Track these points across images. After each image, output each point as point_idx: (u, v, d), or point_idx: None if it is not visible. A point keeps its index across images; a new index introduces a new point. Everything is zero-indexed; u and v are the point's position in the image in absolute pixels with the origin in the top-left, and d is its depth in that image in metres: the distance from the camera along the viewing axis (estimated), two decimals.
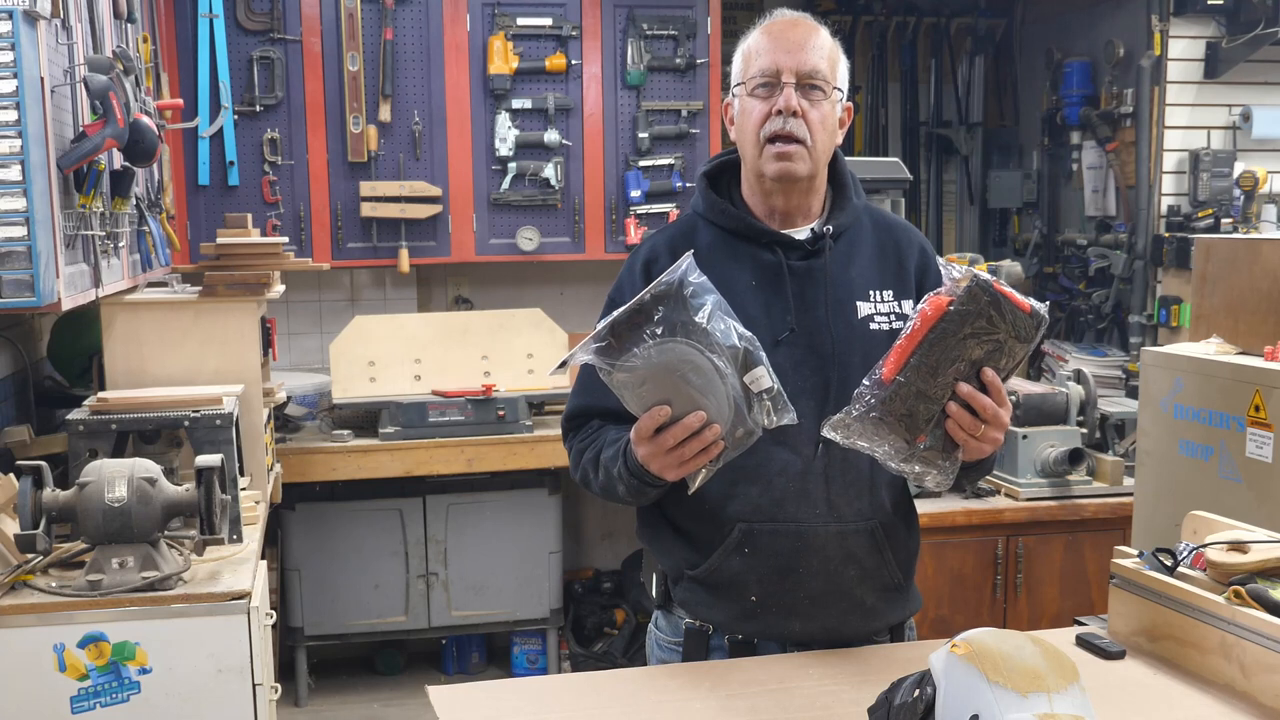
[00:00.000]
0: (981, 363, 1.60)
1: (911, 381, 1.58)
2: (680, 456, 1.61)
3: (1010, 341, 1.59)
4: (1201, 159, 4.35)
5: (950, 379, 1.59)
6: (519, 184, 4.47)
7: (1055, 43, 5.00)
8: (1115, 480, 3.62)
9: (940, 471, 1.64)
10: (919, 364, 1.58)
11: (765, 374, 1.60)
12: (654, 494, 1.77)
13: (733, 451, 1.63)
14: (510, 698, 1.69)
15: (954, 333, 1.57)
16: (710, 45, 4.53)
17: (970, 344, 1.58)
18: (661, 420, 1.58)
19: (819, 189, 1.88)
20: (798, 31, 1.80)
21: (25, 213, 2.06)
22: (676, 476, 1.66)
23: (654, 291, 1.56)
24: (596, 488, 1.84)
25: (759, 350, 1.60)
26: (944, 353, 1.57)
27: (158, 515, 2.26)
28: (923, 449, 1.62)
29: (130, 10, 2.98)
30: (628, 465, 1.72)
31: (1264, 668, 1.56)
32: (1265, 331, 2.80)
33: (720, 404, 1.58)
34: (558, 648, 4.57)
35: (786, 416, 1.61)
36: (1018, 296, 1.59)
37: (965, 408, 1.60)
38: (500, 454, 4.15)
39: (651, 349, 1.55)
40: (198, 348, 3.06)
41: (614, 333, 1.56)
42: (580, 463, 1.88)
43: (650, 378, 1.57)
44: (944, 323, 1.57)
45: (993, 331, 1.58)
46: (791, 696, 1.64)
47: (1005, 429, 1.65)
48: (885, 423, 1.59)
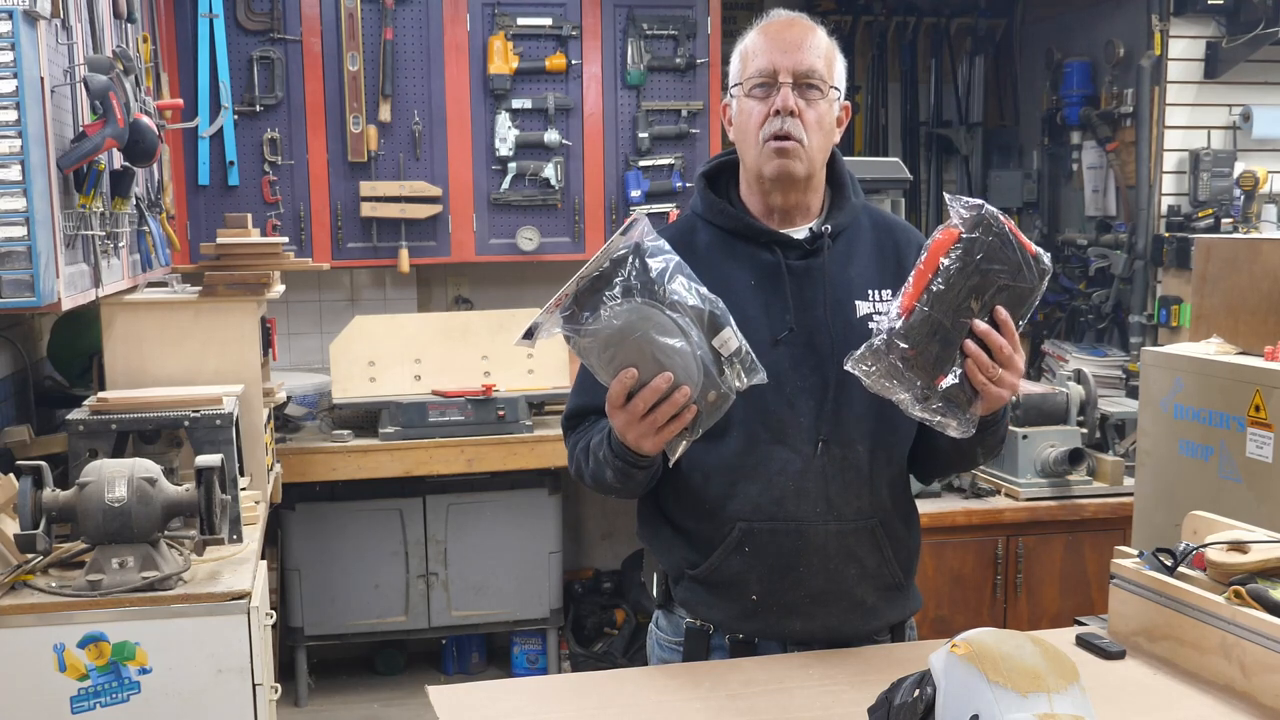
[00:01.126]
0: (992, 305, 1.62)
1: (929, 314, 1.60)
2: (653, 423, 1.59)
3: (1019, 283, 1.62)
4: (1201, 159, 4.35)
5: (965, 317, 1.61)
6: (519, 184, 4.47)
7: (1055, 43, 5.00)
8: (1115, 480, 3.62)
9: (960, 420, 1.64)
10: (936, 294, 1.59)
11: (732, 335, 1.60)
12: (641, 477, 1.75)
13: (708, 418, 1.62)
14: (510, 698, 1.69)
15: (967, 262, 1.59)
16: (710, 45, 4.53)
17: (982, 278, 1.60)
18: (629, 384, 1.57)
19: (817, 188, 1.88)
20: (794, 31, 1.80)
21: (25, 213, 2.06)
22: (654, 446, 1.63)
23: (613, 257, 1.57)
24: (589, 478, 1.84)
25: (724, 312, 1.61)
26: (958, 283, 1.60)
27: (158, 515, 2.26)
28: (942, 391, 1.62)
29: (130, 10, 2.98)
30: (612, 447, 1.72)
31: (1264, 668, 1.56)
32: (1265, 331, 2.80)
33: (688, 365, 1.57)
34: (558, 648, 4.57)
35: (757, 376, 1.61)
36: (1023, 237, 1.63)
37: (981, 348, 1.61)
38: (500, 454, 4.15)
39: (613, 311, 1.56)
40: (198, 348, 3.06)
41: (577, 301, 1.57)
42: (574, 455, 1.89)
43: (614, 342, 1.57)
44: (957, 250, 1.59)
45: (1002, 264, 1.60)
46: (791, 696, 1.64)
47: (1020, 374, 1.66)
48: (905, 358, 1.60)
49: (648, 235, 1.59)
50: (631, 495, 1.86)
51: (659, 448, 1.64)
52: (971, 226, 1.60)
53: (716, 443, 1.80)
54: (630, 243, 1.58)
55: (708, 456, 1.81)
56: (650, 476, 1.78)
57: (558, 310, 1.58)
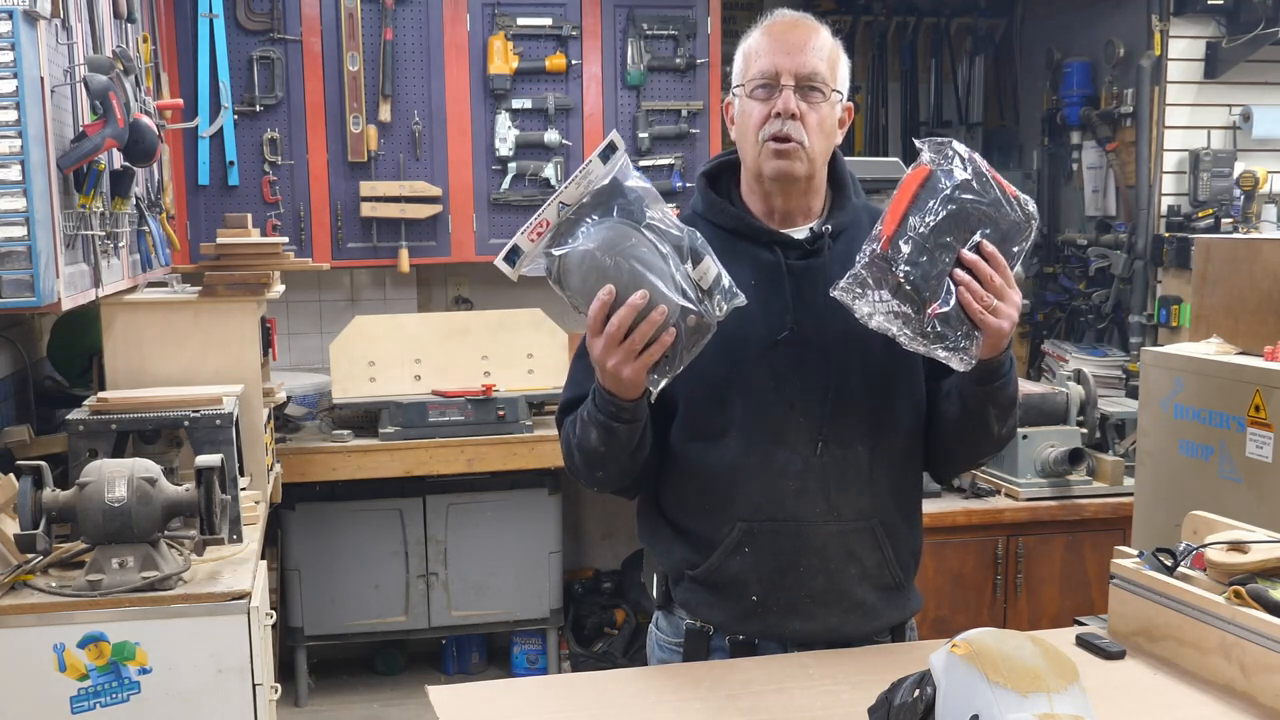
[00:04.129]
0: (979, 241, 1.63)
1: (910, 240, 1.60)
2: (632, 346, 1.58)
3: (1001, 219, 1.63)
4: (1201, 159, 4.35)
5: (948, 250, 1.61)
6: (519, 184, 4.47)
7: (1055, 43, 5.00)
8: (1115, 480, 3.62)
9: (961, 352, 1.64)
10: (912, 224, 1.60)
11: (712, 264, 1.62)
12: (623, 432, 1.70)
13: (689, 346, 1.61)
14: (510, 698, 1.69)
15: (939, 192, 1.61)
16: (710, 45, 4.53)
17: (958, 208, 1.61)
18: (608, 301, 1.57)
19: (818, 189, 1.88)
20: (797, 33, 1.80)
21: (25, 213, 2.06)
22: (634, 374, 1.60)
23: (593, 189, 1.60)
24: (575, 451, 1.80)
25: (704, 243, 1.62)
26: (935, 210, 1.61)
27: (158, 515, 2.26)
28: (936, 320, 1.62)
29: (130, 10, 2.98)
30: (596, 401, 1.70)
31: (1264, 668, 1.56)
32: (1265, 331, 2.80)
33: (665, 284, 1.58)
34: (558, 648, 4.57)
35: (737, 300, 1.62)
36: (1002, 179, 1.64)
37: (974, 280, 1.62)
38: (500, 454, 4.15)
39: (589, 231, 1.59)
40: (198, 348, 3.06)
41: (558, 233, 1.61)
42: (564, 436, 1.86)
43: (589, 260, 1.58)
44: (930, 181, 1.62)
45: (978, 196, 1.61)
46: (791, 697, 1.64)
47: (1016, 308, 1.65)
48: (893, 286, 1.60)
49: (628, 165, 1.61)
50: (617, 463, 1.77)
51: (639, 376, 1.61)
52: (939, 163, 1.62)
53: (716, 443, 1.80)
54: (609, 174, 1.60)
55: (707, 457, 1.81)
56: (634, 435, 1.72)
57: (540, 242, 1.61)
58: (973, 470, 1.98)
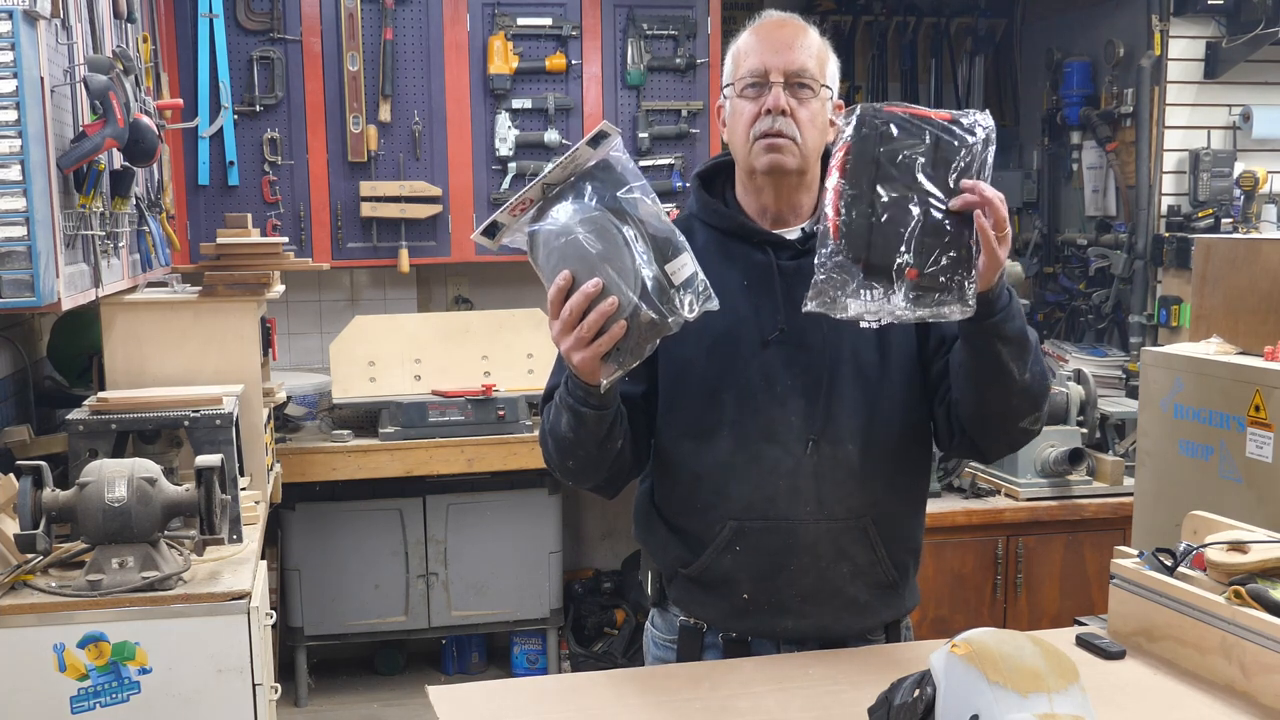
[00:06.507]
0: (945, 180, 1.57)
1: (856, 218, 1.57)
2: (582, 334, 1.56)
3: (944, 147, 1.58)
4: (1201, 159, 4.34)
5: (901, 209, 1.57)
6: (519, 184, 4.47)
7: (1055, 43, 5.00)
8: (1115, 480, 3.62)
9: (959, 300, 1.57)
10: (852, 200, 1.57)
11: (689, 262, 1.58)
12: (591, 420, 1.69)
13: (638, 342, 1.57)
14: (510, 698, 1.69)
15: (867, 158, 1.57)
16: (710, 45, 4.53)
17: (893, 163, 1.57)
18: (564, 286, 1.56)
19: (810, 186, 1.88)
20: (785, 31, 1.81)
21: (25, 213, 2.06)
22: (583, 362, 1.59)
23: (581, 170, 1.59)
24: (549, 436, 1.79)
25: (681, 238, 1.59)
26: (870, 178, 1.57)
27: (158, 515, 2.26)
28: (918, 280, 1.57)
29: (130, 10, 2.98)
30: (566, 384, 1.70)
31: (1264, 668, 1.56)
32: (1265, 331, 2.80)
33: (622, 275, 1.55)
34: (558, 648, 4.57)
35: (710, 304, 1.59)
36: (929, 110, 1.60)
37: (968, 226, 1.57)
38: (500, 454, 4.15)
39: (566, 210, 1.58)
40: (198, 348, 3.06)
41: (541, 211, 1.60)
42: (541, 422, 1.85)
43: (552, 240, 1.57)
44: (852, 154, 1.57)
45: (909, 140, 1.58)
46: (791, 696, 1.64)
47: (1004, 221, 1.58)
48: (853, 272, 1.56)
49: (619, 151, 1.60)
50: (585, 452, 1.76)
51: (590, 364, 1.59)
52: (857, 128, 1.58)
53: (708, 442, 1.81)
54: (600, 157, 1.59)
55: (699, 455, 1.81)
56: (602, 424, 1.70)
57: (521, 218, 1.60)
58: (1018, 437, 1.90)
